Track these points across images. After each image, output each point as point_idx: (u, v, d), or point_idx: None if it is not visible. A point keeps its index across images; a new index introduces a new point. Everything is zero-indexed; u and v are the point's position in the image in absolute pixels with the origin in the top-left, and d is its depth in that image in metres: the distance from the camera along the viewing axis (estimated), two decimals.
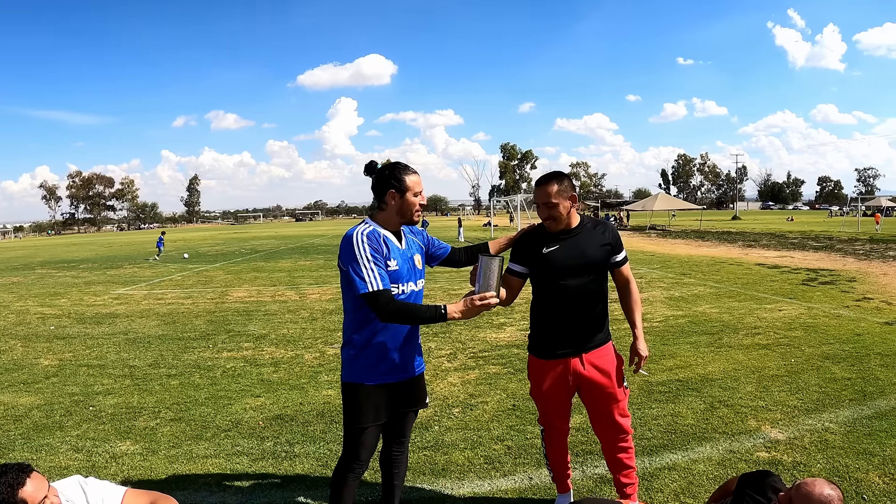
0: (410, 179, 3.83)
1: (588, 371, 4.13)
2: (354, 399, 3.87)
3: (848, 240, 32.77)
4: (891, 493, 4.63)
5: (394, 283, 3.76)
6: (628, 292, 4.38)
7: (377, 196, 3.88)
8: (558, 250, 4.06)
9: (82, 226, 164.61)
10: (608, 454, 4.40)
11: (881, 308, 12.11)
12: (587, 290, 4.10)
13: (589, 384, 4.16)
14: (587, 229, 4.16)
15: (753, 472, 3.61)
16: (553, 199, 3.98)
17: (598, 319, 4.20)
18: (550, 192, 3.98)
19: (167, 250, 37.16)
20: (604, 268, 4.21)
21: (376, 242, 3.72)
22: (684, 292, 15.03)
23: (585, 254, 4.07)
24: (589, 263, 4.08)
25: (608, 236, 4.21)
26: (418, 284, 3.98)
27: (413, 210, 3.86)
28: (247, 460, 5.61)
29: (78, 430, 6.47)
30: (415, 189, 3.83)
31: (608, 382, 4.16)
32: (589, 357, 4.15)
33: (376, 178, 3.87)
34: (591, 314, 4.15)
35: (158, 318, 13.35)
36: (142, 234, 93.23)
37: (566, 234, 4.10)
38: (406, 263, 3.88)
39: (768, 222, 67.92)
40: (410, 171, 3.86)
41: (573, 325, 4.11)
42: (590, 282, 4.10)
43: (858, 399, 6.73)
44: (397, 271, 3.78)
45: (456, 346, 9.81)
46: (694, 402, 6.81)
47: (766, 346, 9.16)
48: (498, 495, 4.87)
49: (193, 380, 8.27)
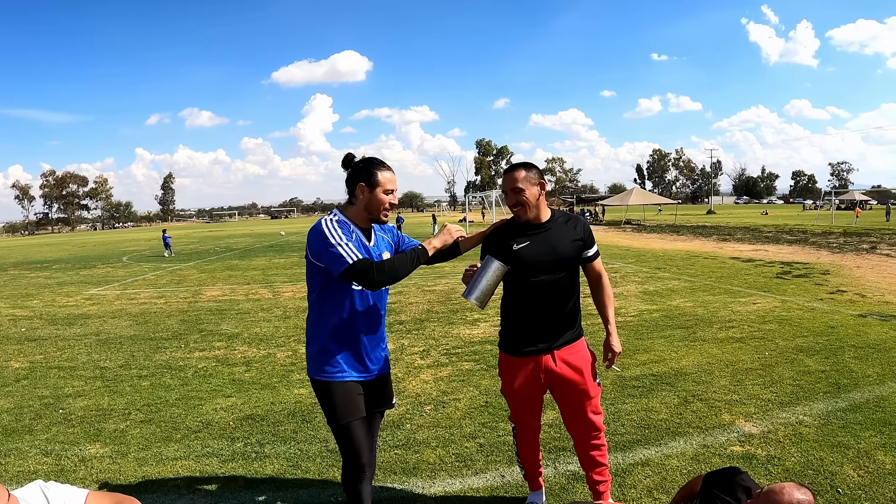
0: (383, 175, 3.77)
1: (560, 368, 4.08)
2: (326, 396, 3.81)
3: (822, 233, 33.02)
4: (865, 486, 4.63)
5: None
6: (601, 287, 4.34)
7: (349, 189, 3.83)
8: (529, 246, 3.99)
9: (56, 225, 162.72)
10: (581, 451, 4.35)
11: (855, 301, 12.18)
12: (558, 286, 4.05)
13: (561, 381, 4.11)
14: (558, 224, 4.11)
15: (719, 470, 3.54)
16: (520, 184, 3.94)
17: (570, 316, 4.15)
18: (517, 177, 3.95)
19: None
20: (575, 263, 4.16)
21: (345, 229, 3.68)
22: (659, 286, 15.06)
23: (556, 249, 4.02)
24: (560, 259, 4.03)
25: (580, 231, 4.16)
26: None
27: (381, 207, 3.79)
28: (216, 461, 5.53)
29: (47, 434, 6.36)
30: (385, 186, 3.77)
31: (580, 379, 4.11)
32: (561, 354, 4.09)
33: (351, 171, 3.83)
34: (562, 310, 4.10)
35: (131, 318, 13.21)
36: (116, 234, 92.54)
37: (537, 229, 4.05)
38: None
39: (743, 216, 68.40)
40: (384, 168, 3.80)
41: (545, 322, 4.05)
42: (561, 278, 4.05)
43: (832, 392, 6.75)
44: None
45: (429, 343, 9.76)
46: (667, 396, 6.80)
47: (740, 340, 9.18)
48: (469, 494, 4.83)
49: (164, 380, 8.16)
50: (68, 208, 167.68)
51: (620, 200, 61.14)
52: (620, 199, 62.22)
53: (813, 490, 4.49)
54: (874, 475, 4.81)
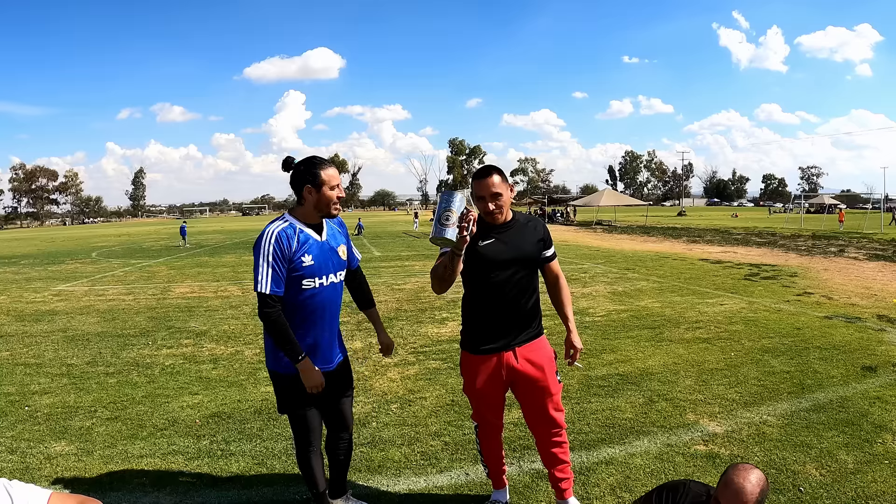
0: (326, 173, 3.87)
1: (521, 365, 4.12)
2: (278, 386, 4.09)
3: (791, 236, 33.38)
4: (827, 485, 4.71)
5: (309, 277, 3.88)
6: (558, 287, 4.41)
7: (295, 192, 3.94)
8: (493, 244, 4.03)
9: (25, 220, 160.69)
10: (542, 449, 4.40)
11: (821, 303, 12.34)
12: (519, 285, 4.10)
13: (523, 378, 4.15)
14: (520, 224, 4.17)
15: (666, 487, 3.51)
16: (498, 188, 3.95)
17: (530, 313, 4.20)
18: (494, 182, 3.96)
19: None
20: (535, 262, 4.23)
21: (286, 242, 3.81)
22: (627, 287, 15.16)
23: (520, 248, 4.08)
24: (522, 258, 4.09)
25: (540, 231, 4.25)
26: (337, 277, 4.08)
27: (330, 204, 3.92)
28: (182, 459, 5.51)
29: (13, 431, 6.29)
30: (330, 182, 3.88)
31: (542, 376, 4.16)
32: (522, 351, 4.14)
33: (293, 174, 3.92)
34: (523, 308, 4.15)
35: (98, 314, 13.07)
36: (86, 229, 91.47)
37: (501, 228, 4.09)
38: (325, 254, 3.97)
39: (713, 218, 68.90)
40: (326, 165, 3.90)
41: (505, 320, 4.10)
42: (523, 276, 4.10)
43: (797, 392, 6.84)
44: (312, 266, 3.88)
45: (397, 342, 9.74)
46: (633, 395, 6.86)
47: (707, 340, 9.27)
48: (434, 492, 4.85)
49: (131, 378, 8.10)
50: (38, 203, 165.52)
51: (592, 201, 61.46)
52: (592, 200, 62.55)
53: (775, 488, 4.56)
54: (836, 474, 4.89)
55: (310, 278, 3.88)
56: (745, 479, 2.95)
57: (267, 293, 3.73)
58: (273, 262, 3.76)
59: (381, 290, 15.46)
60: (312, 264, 3.87)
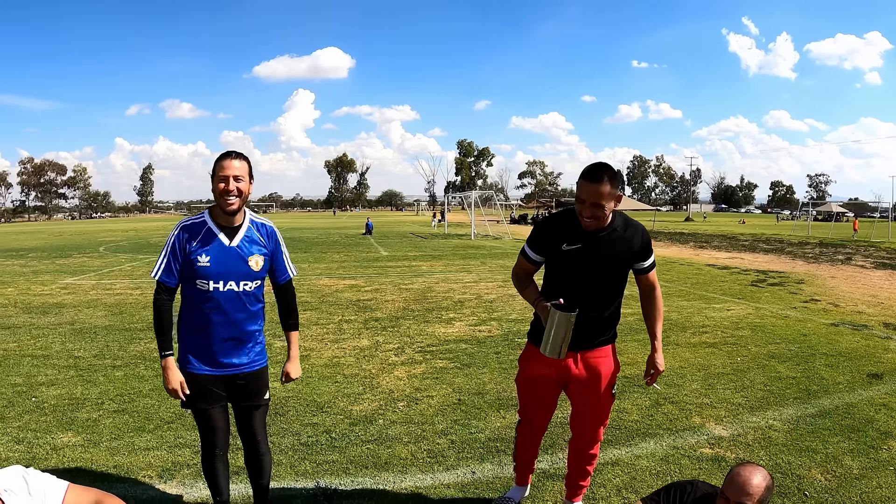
0: (219, 164, 3.76)
1: (579, 370, 3.97)
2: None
3: (798, 243, 33.32)
4: (832, 490, 4.72)
5: (202, 278, 3.76)
6: (652, 300, 4.20)
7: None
8: (579, 250, 3.80)
9: (33, 214, 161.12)
10: (572, 452, 4.34)
11: (828, 310, 12.34)
12: (601, 294, 3.93)
13: (576, 382, 4.01)
14: (616, 233, 3.86)
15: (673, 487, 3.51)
16: (603, 199, 3.61)
17: (605, 322, 4.01)
18: (603, 192, 3.59)
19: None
20: (625, 272, 4.00)
21: (185, 236, 3.80)
22: (635, 291, 15.03)
23: (607, 257, 3.84)
24: (610, 268, 3.88)
25: (637, 243, 3.94)
26: (240, 286, 3.86)
27: (219, 196, 3.76)
28: (189, 452, 5.52)
29: (20, 422, 6.31)
30: (219, 173, 3.74)
31: (595, 385, 4.01)
32: (585, 355, 3.99)
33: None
34: (598, 317, 3.95)
35: (106, 308, 13.10)
36: (93, 224, 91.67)
37: (592, 234, 3.79)
38: (229, 260, 3.81)
39: (721, 224, 68.78)
40: (223, 157, 3.79)
41: (579, 324, 3.72)
42: (607, 285, 3.93)
43: (803, 397, 6.85)
44: (207, 268, 3.76)
45: (403, 341, 9.78)
46: (639, 398, 6.88)
47: (713, 345, 9.27)
48: (440, 489, 4.86)
49: (139, 371, 8.13)
50: (46, 196, 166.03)
51: None
52: None
53: (780, 491, 4.56)
54: (841, 479, 4.90)
55: (203, 279, 3.76)
56: (752, 474, 3.01)
57: (156, 279, 3.80)
58: (170, 252, 3.77)
59: (387, 290, 15.48)
60: (208, 266, 3.75)
